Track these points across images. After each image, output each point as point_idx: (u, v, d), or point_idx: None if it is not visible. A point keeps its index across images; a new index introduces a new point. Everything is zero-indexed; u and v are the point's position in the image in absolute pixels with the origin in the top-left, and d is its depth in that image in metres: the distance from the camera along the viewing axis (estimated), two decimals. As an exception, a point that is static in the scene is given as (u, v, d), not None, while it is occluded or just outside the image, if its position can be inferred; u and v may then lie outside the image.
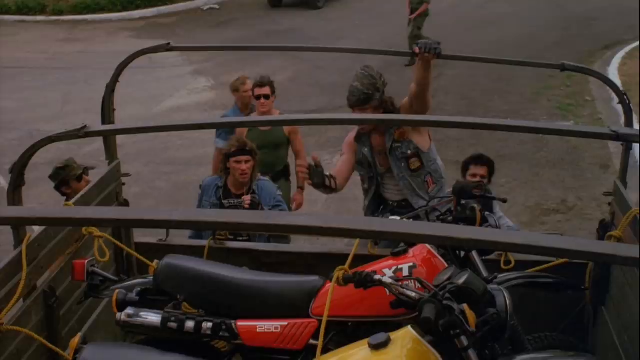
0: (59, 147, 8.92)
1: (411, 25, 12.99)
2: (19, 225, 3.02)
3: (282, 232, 4.17)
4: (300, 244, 5.76)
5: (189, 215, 1.72)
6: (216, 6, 19.57)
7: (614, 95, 3.93)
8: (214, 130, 6.33)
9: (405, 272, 3.22)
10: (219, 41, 15.26)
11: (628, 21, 14.53)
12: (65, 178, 5.15)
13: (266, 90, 5.88)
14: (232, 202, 5.09)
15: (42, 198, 7.49)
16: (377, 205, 4.75)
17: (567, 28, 15.74)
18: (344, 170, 4.64)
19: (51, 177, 5.24)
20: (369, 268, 3.19)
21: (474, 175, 5.01)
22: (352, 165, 4.69)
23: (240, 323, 3.29)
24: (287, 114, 6.05)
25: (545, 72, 11.61)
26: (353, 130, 4.75)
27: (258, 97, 5.90)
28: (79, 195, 3.72)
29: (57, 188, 5.26)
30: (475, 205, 3.66)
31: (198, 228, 4.27)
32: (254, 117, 5.95)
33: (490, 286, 2.83)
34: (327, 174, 4.27)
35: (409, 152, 4.50)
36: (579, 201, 7.74)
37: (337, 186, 4.41)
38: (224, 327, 3.29)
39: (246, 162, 4.98)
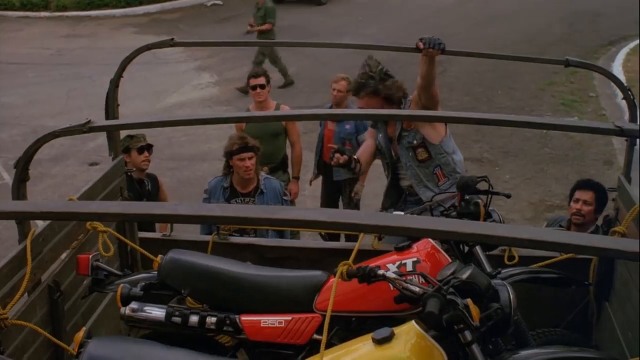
0: (62, 143, 9.00)
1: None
2: (23, 219, 3.03)
3: (287, 227, 4.17)
4: (304, 239, 5.77)
5: (194, 209, 1.72)
6: (219, 2, 19.57)
7: (618, 91, 3.91)
8: (217, 126, 6.41)
9: (409, 267, 3.23)
10: (223, 37, 15.28)
11: (633, 17, 14.50)
12: (128, 146, 5.34)
13: (261, 80, 6.29)
14: (239, 201, 5.10)
15: (46, 194, 7.55)
16: (397, 195, 4.80)
17: (572, 24, 15.71)
18: (365, 155, 4.71)
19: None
20: (372, 263, 3.19)
21: (577, 201, 4.83)
22: (372, 151, 4.76)
23: (244, 318, 3.30)
24: (292, 110, 6.10)
25: (550, 68, 11.60)
26: None
27: (254, 88, 6.30)
28: (83, 190, 3.72)
29: None
30: (479, 201, 3.66)
31: (203, 222, 4.27)
32: (259, 112, 6.08)
33: (494, 281, 2.83)
34: (355, 157, 4.35)
35: (415, 142, 4.53)
36: (583, 197, 7.72)
37: (360, 169, 4.49)
38: (228, 321, 3.30)
39: (250, 158, 4.97)
